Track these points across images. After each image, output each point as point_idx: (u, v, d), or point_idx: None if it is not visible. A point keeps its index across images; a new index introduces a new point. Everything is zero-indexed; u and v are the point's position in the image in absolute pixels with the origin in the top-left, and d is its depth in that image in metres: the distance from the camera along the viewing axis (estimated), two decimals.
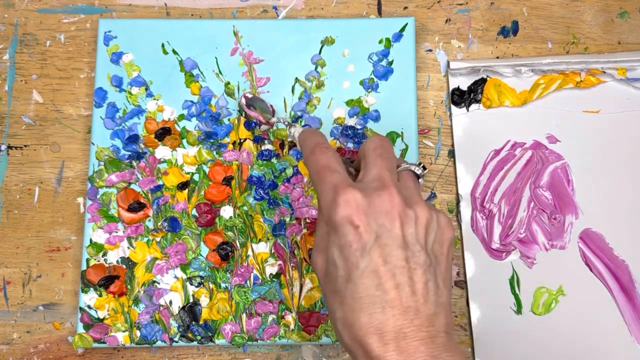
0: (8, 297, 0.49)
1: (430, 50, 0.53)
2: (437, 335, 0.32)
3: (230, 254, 0.48)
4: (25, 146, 0.51)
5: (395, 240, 0.33)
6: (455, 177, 0.50)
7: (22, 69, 0.52)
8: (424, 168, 0.39)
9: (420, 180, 0.39)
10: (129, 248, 0.48)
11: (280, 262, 0.48)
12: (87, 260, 0.48)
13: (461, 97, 0.51)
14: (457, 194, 0.50)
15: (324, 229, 0.36)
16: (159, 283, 0.48)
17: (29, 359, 0.48)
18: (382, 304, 0.32)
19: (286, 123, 0.46)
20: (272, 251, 0.48)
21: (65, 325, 0.48)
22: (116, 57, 0.51)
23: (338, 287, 0.33)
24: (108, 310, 0.47)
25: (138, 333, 0.47)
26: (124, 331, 0.47)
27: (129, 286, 0.47)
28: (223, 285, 0.48)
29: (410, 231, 0.33)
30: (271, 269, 0.48)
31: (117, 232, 0.48)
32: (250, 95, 0.49)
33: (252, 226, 0.49)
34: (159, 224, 0.48)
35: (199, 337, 0.47)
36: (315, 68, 0.51)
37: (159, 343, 0.47)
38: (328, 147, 0.37)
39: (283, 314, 0.47)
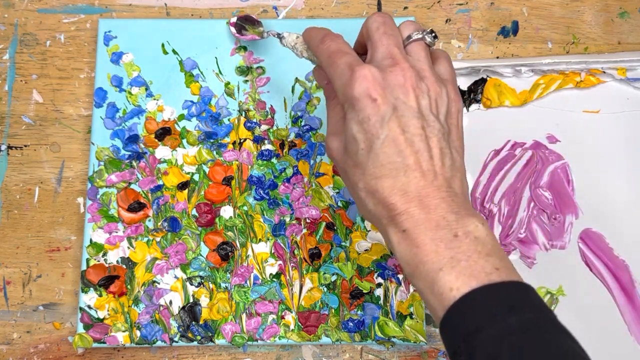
0: (8, 297, 0.49)
1: None
2: (455, 195, 0.34)
3: (230, 254, 0.48)
4: (25, 146, 0.51)
5: (411, 111, 0.34)
6: None
7: (22, 69, 0.52)
8: (435, 36, 0.38)
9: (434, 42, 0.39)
10: (129, 248, 0.48)
11: (280, 262, 0.48)
12: (87, 260, 0.48)
13: (461, 97, 0.51)
14: None
15: (339, 114, 0.38)
16: (159, 283, 0.48)
17: (29, 359, 0.48)
18: (404, 169, 0.34)
19: (276, 35, 0.44)
20: (272, 251, 0.48)
21: (65, 325, 0.48)
22: (116, 57, 0.51)
23: (359, 160, 0.35)
24: (108, 310, 0.47)
25: (138, 333, 0.47)
26: (124, 331, 0.47)
27: (129, 286, 0.47)
28: (223, 285, 0.48)
29: (424, 103, 0.35)
30: (271, 269, 0.48)
31: (117, 232, 0.48)
32: (235, 19, 0.51)
33: (252, 226, 0.49)
34: (159, 224, 0.48)
35: (199, 337, 0.47)
36: None
37: (159, 343, 0.47)
38: (337, 35, 0.38)
39: (283, 314, 0.47)
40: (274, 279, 0.48)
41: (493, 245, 0.33)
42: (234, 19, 0.51)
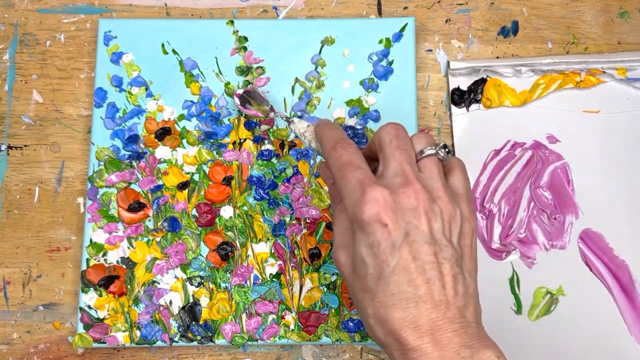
0: (8, 297, 0.49)
1: (430, 50, 0.53)
2: (468, 326, 0.33)
3: (230, 254, 0.48)
4: (25, 146, 0.51)
5: (423, 236, 0.33)
6: None
7: (22, 69, 0.52)
8: (448, 152, 0.37)
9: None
10: (129, 248, 0.48)
11: (280, 262, 0.48)
12: (87, 260, 0.48)
13: (461, 97, 0.51)
14: None
15: (344, 224, 0.36)
16: (159, 283, 0.48)
17: (29, 359, 0.48)
18: (415, 299, 0.33)
19: (284, 118, 0.44)
20: (272, 251, 0.48)
21: (65, 325, 0.48)
22: (116, 57, 0.51)
23: (368, 285, 0.34)
24: (108, 310, 0.47)
25: (138, 333, 0.47)
26: (124, 331, 0.47)
27: (129, 286, 0.47)
28: (223, 285, 0.48)
29: (436, 226, 0.34)
30: (271, 269, 0.48)
31: (117, 232, 0.48)
32: (241, 92, 0.49)
33: (252, 226, 0.49)
34: (159, 224, 0.48)
35: (199, 337, 0.47)
36: (315, 68, 0.51)
37: (159, 343, 0.47)
38: (350, 143, 0.37)
39: (283, 314, 0.47)
40: (274, 279, 0.48)
41: None
42: (240, 91, 0.49)
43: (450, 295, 0.33)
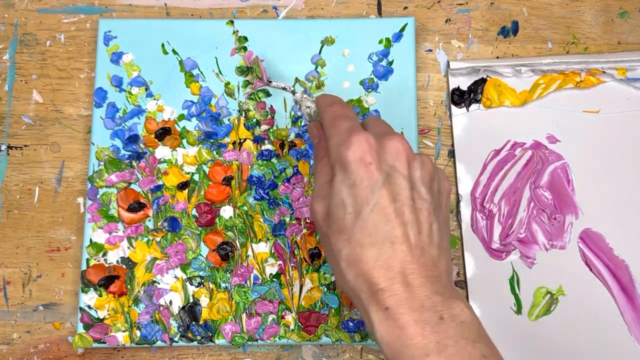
0: (8, 297, 0.49)
1: (430, 50, 0.53)
2: (440, 277, 0.33)
3: (230, 254, 0.48)
4: (25, 146, 0.51)
5: (403, 180, 0.34)
6: (455, 177, 0.50)
7: (22, 69, 0.52)
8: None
9: None
10: (129, 248, 0.48)
11: (280, 262, 0.48)
12: (87, 260, 0.48)
13: (461, 97, 0.51)
14: (457, 194, 0.50)
15: (326, 176, 0.37)
16: (159, 283, 0.48)
17: (29, 359, 0.48)
18: (391, 240, 0.33)
19: (289, 89, 0.46)
20: (272, 251, 0.48)
21: (65, 325, 0.48)
22: (116, 57, 0.51)
23: (345, 225, 0.34)
24: (108, 310, 0.47)
25: (138, 333, 0.47)
26: (124, 331, 0.47)
27: (129, 286, 0.47)
28: (223, 285, 0.48)
29: (417, 174, 0.35)
30: (271, 269, 0.48)
31: (117, 232, 0.48)
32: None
33: (252, 226, 0.49)
34: (159, 224, 0.48)
35: (199, 337, 0.47)
36: (315, 68, 0.51)
37: (159, 343, 0.47)
38: (347, 104, 0.40)
39: (283, 314, 0.47)
40: (274, 279, 0.48)
41: (479, 331, 0.32)
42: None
43: (425, 242, 0.33)
